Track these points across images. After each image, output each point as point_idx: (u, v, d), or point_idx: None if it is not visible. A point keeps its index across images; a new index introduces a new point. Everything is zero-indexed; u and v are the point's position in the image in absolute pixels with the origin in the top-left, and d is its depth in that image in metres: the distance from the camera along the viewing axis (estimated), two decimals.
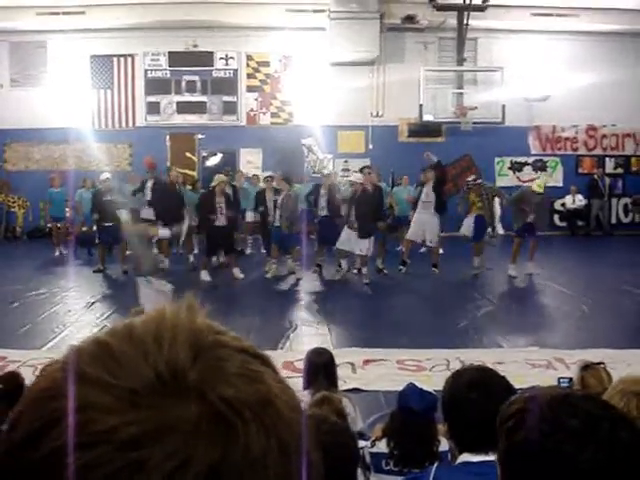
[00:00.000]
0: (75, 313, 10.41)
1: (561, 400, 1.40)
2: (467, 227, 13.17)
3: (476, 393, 2.38)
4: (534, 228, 12.93)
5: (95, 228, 14.15)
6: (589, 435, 1.29)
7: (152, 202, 14.07)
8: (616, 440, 1.30)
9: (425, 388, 3.69)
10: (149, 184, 14.26)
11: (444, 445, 3.50)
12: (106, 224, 13.50)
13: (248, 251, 16.15)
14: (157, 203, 13.90)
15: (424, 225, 13.08)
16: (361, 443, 3.60)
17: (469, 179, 14.17)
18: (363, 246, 12.46)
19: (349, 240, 12.55)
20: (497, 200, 17.94)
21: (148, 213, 14.08)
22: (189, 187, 16.18)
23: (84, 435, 0.54)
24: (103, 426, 0.54)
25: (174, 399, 0.56)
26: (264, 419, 0.58)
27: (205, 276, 12.81)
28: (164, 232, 13.65)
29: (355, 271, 13.17)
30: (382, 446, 3.67)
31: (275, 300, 11.47)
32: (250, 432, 0.56)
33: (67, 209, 16.48)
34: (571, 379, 4.79)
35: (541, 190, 13.07)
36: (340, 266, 13.07)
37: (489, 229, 18.56)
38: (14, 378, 4.33)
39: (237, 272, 13.05)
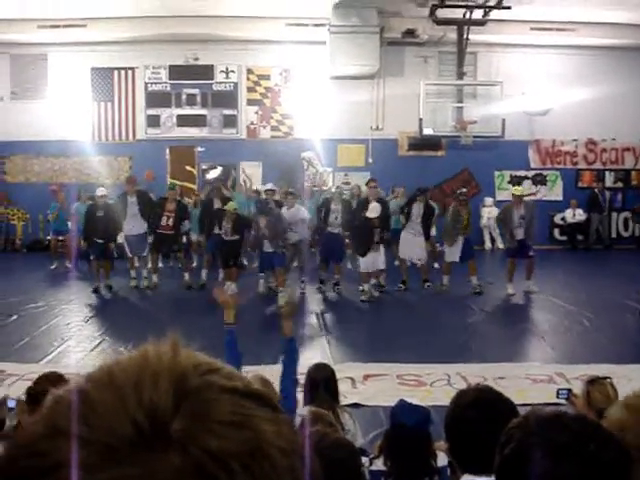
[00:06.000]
0: (74, 326, 10.38)
1: (552, 418, 1.45)
2: (454, 254, 12.91)
3: (478, 413, 2.35)
4: (526, 245, 12.69)
5: (86, 243, 13.74)
6: (574, 453, 1.33)
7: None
8: (600, 460, 1.34)
9: (416, 402, 3.67)
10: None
11: (443, 460, 3.47)
12: (97, 240, 13.14)
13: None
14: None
15: (410, 244, 13.07)
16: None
17: (460, 191, 13.85)
18: (382, 260, 12.45)
19: (373, 261, 12.39)
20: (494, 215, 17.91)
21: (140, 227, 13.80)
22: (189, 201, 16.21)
23: None
24: None
25: (154, 453, 0.53)
26: (254, 470, 0.54)
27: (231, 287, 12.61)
28: None
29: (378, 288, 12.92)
30: (380, 464, 3.64)
31: (274, 315, 11.42)
32: None
33: (69, 222, 16.36)
34: (570, 390, 4.76)
35: (518, 193, 13.04)
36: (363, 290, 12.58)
37: (490, 245, 18.55)
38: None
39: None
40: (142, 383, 0.57)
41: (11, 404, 5.01)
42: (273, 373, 6.81)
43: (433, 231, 15.57)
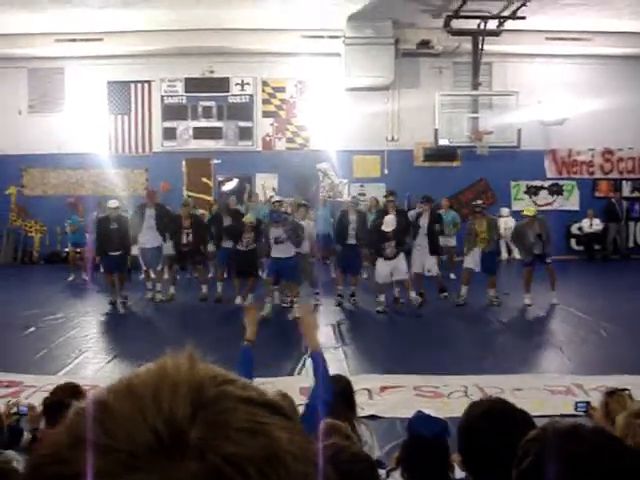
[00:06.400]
0: (91, 338, 10.42)
1: (569, 430, 1.45)
2: (473, 261, 12.87)
3: (490, 424, 2.33)
4: (544, 255, 12.61)
5: (98, 256, 13.40)
6: (592, 465, 1.33)
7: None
8: (618, 472, 1.34)
9: (433, 414, 3.64)
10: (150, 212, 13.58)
11: (460, 472, 3.45)
12: (111, 253, 12.88)
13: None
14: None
15: (421, 257, 12.99)
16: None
17: (475, 203, 13.86)
18: (404, 269, 12.38)
19: (389, 272, 12.30)
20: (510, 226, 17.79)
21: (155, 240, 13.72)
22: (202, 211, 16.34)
23: None
24: None
25: (173, 460, 0.55)
26: (270, 475, 0.56)
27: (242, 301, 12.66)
28: None
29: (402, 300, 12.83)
30: (397, 476, 3.62)
31: (290, 326, 11.43)
32: None
33: (87, 234, 16.39)
34: (588, 403, 4.73)
35: (530, 213, 12.90)
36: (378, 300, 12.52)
37: (506, 255, 18.42)
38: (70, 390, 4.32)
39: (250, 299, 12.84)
40: (161, 393, 0.59)
41: (23, 410, 5.04)
42: (288, 386, 6.84)
43: (453, 241, 15.56)
